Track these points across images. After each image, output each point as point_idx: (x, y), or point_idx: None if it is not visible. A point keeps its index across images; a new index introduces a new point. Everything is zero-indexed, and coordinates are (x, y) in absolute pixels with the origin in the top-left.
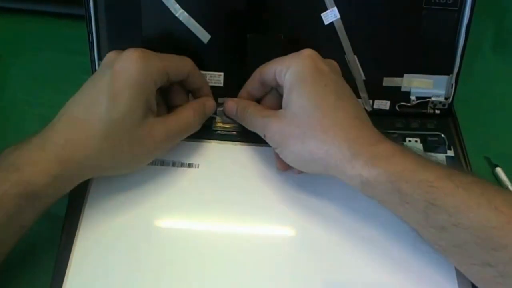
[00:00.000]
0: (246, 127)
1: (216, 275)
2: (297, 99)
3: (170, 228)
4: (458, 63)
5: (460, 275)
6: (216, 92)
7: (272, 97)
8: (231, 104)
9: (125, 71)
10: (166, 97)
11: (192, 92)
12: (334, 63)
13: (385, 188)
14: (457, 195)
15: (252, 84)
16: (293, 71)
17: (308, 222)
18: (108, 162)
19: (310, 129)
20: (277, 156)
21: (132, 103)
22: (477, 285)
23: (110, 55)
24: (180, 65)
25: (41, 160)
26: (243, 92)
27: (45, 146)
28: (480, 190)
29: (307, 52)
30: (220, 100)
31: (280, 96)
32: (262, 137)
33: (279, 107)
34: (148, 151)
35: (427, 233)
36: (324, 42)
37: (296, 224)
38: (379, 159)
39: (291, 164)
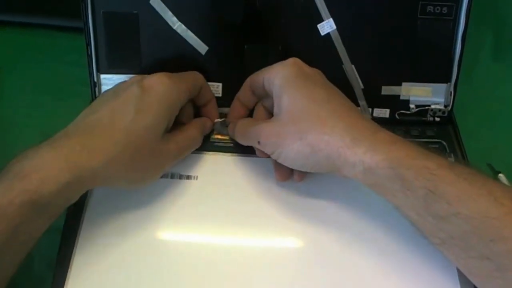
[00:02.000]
0: (241, 142)
1: (216, 287)
2: (288, 99)
3: (169, 240)
4: (456, 72)
5: (462, 277)
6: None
7: (260, 111)
8: (230, 127)
9: (156, 87)
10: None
11: (200, 108)
12: (319, 71)
13: (387, 175)
14: (458, 184)
15: (243, 94)
16: (280, 76)
17: (309, 231)
18: (124, 172)
19: (307, 123)
20: (276, 166)
21: (159, 118)
22: (473, 281)
23: (137, 76)
24: (196, 82)
25: (50, 167)
26: (235, 102)
27: (56, 152)
28: (481, 181)
29: (292, 60)
30: (219, 110)
31: (267, 109)
32: (256, 145)
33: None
34: (162, 165)
35: (426, 224)
36: (321, 53)
37: (297, 234)
38: (381, 145)
39: (291, 166)
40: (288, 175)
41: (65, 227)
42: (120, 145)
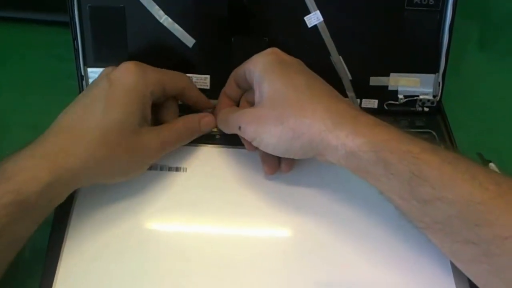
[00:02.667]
0: (223, 130)
1: (207, 278)
2: (268, 86)
3: (158, 231)
4: (444, 62)
5: (456, 269)
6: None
7: (244, 105)
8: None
9: (122, 79)
10: (157, 114)
11: (191, 107)
12: (299, 60)
13: (370, 158)
14: (442, 168)
15: (229, 88)
16: (260, 65)
17: (299, 221)
18: (104, 169)
19: (287, 108)
20: (263, 159)
21: (129, 110)
22: (458, 265)
23: (107, 69)
24: (175, 79)
25: (32, 168)
26: (221, 96)
27: (37, 155)
28: (465, 166)
29: (271, 49)
30: None
31: (251, 103)
32: (238, 132)
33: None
34: (143, 160)
35: (411, 208)
36: (309, 44)
37: (286, 224)
38: (363, 128)
39: (273, 152)
40: (275, 167)
41: (54, 219)
42: (93, 144)
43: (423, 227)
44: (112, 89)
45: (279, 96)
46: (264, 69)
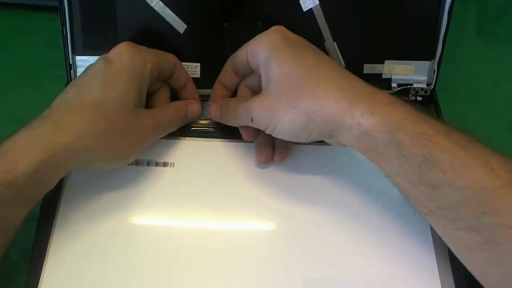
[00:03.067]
0: (232, 124)
1: (197, 274)
2: (277, 68)
3: (146, 228)
4: (441, 48)
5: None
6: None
7: (243, 92)
8: (214, 108)
9: (120, 57)
10: (148, 102)
11: (178, 92)
12: (303, 38)
13: (383, 139)
14: (454, 152)
15: (225, 76)
16: (265, 45)
17: (292, 213)
18: (99, 149)
19: (299, 91)
20: (258, 147)
21: (126, 88)
22: (457, 253)
23: (103, 55)
24: (167, 57)
25: (23, 147)
26: (217, 85)
27: (30, 134)
28: (478, 151)
29: (275, 27)
30: (197, 92)
31: (251, 89)
32: (249, 123)
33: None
34: (139, 140)
35: (417, 193)
36: (303, 29)
37: (279, 216)
38: (378, 107)
39: (286, 137)
40: (269, 156)
41: (41, 215)
42: (90, 119)
43: (426, 213)
44: (110, 67)
45: (289, 79)
46: (270, 49)
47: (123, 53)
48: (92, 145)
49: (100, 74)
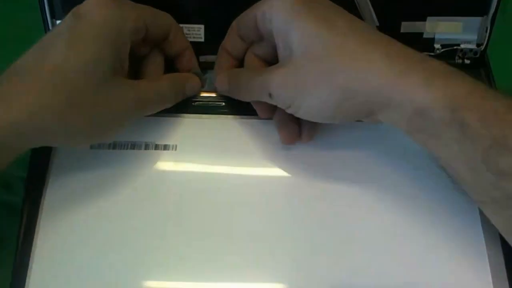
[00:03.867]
0: (243, 99)
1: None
2: (300, 34)
3: (145, 220)
4: (496, 0)
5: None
6: (197, 49)
7: (251, 61)
8: (221, 78)
9: (92, 11)
10: (137, 68)
11: (174, 61)
12: None
13: (442, 118)
14: None
15: (229, 41)
16: (281, 8)
17: (315, 203)
18: (60, 123)
19: (332, 61)
20: (281, 127)
21: (98, 51)
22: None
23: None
24: (160, 17)
25: None
26: (221, 52)
27: None
28: None
29: None
30: (201, 58)
31: (261, 58)
32: (266, 99)
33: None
34: (114, 118)
35: (480, 180)
36: None
37: (302, 209)
38: (435, 78)
39: (314, 118)
40: (295, 136)
41: (25, 203)
42: (49, 89)
43: (485, 201)
44: (78, 24)
45: (317, 47)
46: (287, 13)
47: (97, 6)
48: (48, 123)
49: (65, 33)
